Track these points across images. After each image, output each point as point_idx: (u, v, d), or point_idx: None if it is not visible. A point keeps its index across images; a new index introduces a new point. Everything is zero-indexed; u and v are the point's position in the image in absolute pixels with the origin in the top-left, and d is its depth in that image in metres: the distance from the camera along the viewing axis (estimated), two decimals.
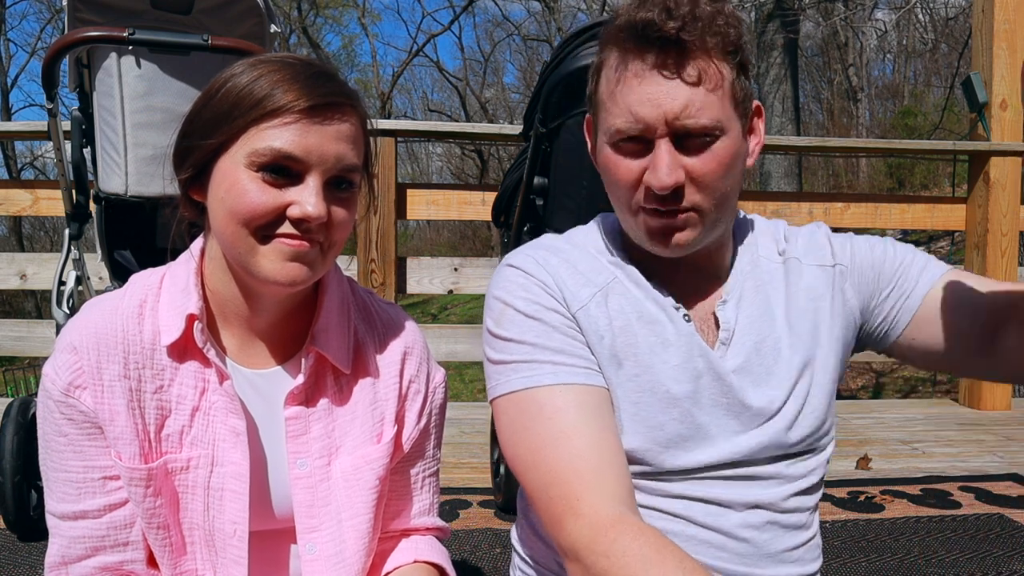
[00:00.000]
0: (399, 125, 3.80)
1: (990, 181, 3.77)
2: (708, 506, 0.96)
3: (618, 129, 0.93)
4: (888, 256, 1.05)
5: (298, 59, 0.90)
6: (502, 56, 35.66)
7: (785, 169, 9.25)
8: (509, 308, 0.98)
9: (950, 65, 15.00)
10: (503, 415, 0.96)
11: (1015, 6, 3.75)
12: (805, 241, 1.07)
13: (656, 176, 0.91)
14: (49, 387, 0.90)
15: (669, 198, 0.92)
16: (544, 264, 1.00)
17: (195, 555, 0.93)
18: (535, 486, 0.91)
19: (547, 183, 2.13)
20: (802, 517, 1.01)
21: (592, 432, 0.91)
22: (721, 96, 0.91)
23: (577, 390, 0.94)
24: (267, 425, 0.96)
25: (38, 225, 21.11)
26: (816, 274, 1.03)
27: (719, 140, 0.92)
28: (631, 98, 0.91)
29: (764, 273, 1.03)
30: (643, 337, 0.97)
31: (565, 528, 0.87)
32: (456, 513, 2.41)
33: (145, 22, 2.04)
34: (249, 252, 0.87)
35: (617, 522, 0.85)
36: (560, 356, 0.95)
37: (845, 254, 1.05)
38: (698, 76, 0.89)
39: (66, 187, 2.19)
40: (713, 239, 0.99)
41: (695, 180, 0.92)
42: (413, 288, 3.69)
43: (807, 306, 1.02)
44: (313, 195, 0.85)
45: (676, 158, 0.91)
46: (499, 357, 0.98)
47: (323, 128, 0.86)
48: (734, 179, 0.95)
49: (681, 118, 0.89)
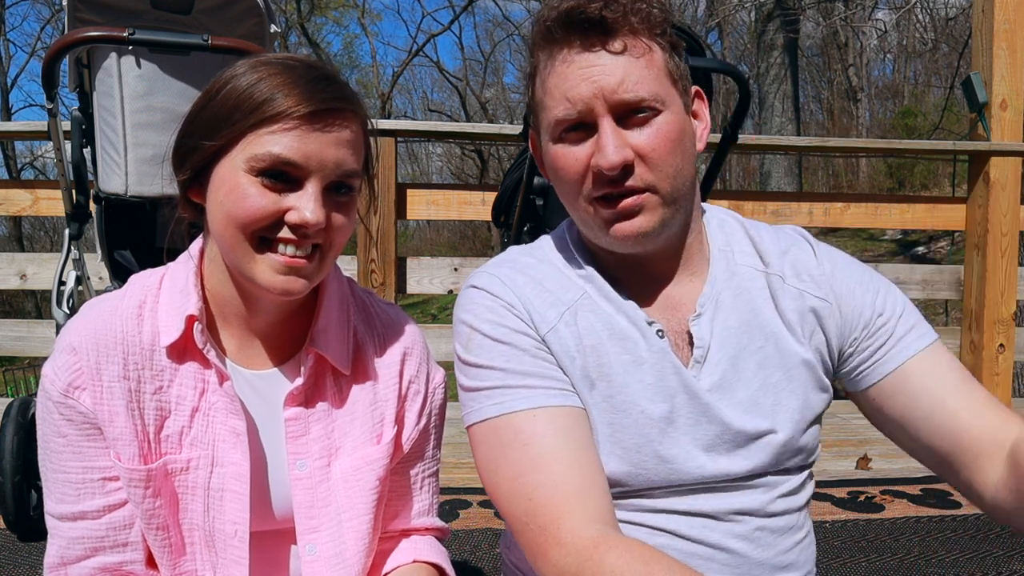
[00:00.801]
0: (399, 125, 3.80)
1: (990, 181, 3.77)
2: (692, 518, 0.94)
3: (558, 119, 0.91)
4: (876, 305, 0.99)
5: (299, 61, 0.89)
6: (502, 56, 35.66)
7: (785, 169, 9.26)
8: (476, 333, 0.95)
9: (950, 65, 15.00)
10: (480, 443, 0.94)
11: (1015, 6, 3.75)
12: (790, 260, 1.01)
13: (603, 156, 0.88)
14: (48, 388, 0.89)
15: (619, 179, 0.89)
16: (510, 284, 0.97)
17: (195, 556, 0.93)
18: (515, 516, 0.89)
19: (547, 183, 2.13)
20: (792, 519, 0.98)
21: (570, 454, 0.89)
22: (655, 71, 0.90)
23: (552, 412, 0.91)
24: (267, 426, 0.96)
25: (38, 225, 21.11)
26: (795, 298, 0.98)
27: (661, 115, 0.90)
28: (564, 84, 0.90)
29: (744, 281, 0.99)
30: (615, 356, 0.94)
31: (550, 559, 0.84)
32: (456, 513, 2.41)
33: (145, 22, 2.04)
34: (246, 258, 0.87)
35: (600, 542, 0.82)
36: (532, 379, 0.92)
37: (832, 286, 1.00)
38: (623, 47, 0.88)
39: (66, 187, 2.19)
40: (675, 228, 0.95)
41: (644, 158, 0.89)
42: (413, 288, 3.69)
43: (789, 325, 0.98)
44: (312, 201, 0.85)
45: (621, 136, 0.89)
46: (471, 384, 0.95)
47: (323, 134, 0.85)
48: (685, 158, 0.92)
49: (619, 92, 0.88)
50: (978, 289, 3.85)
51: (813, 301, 0.99)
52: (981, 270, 3.82)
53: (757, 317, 0.97)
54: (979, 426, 0.92)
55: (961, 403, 0.94)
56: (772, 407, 0.95)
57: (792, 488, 0.98)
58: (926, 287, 3.97)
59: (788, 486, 0.98)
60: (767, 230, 1.05)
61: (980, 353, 3.83)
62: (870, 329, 0.98)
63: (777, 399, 0.96)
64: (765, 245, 1.02)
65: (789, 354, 0.97)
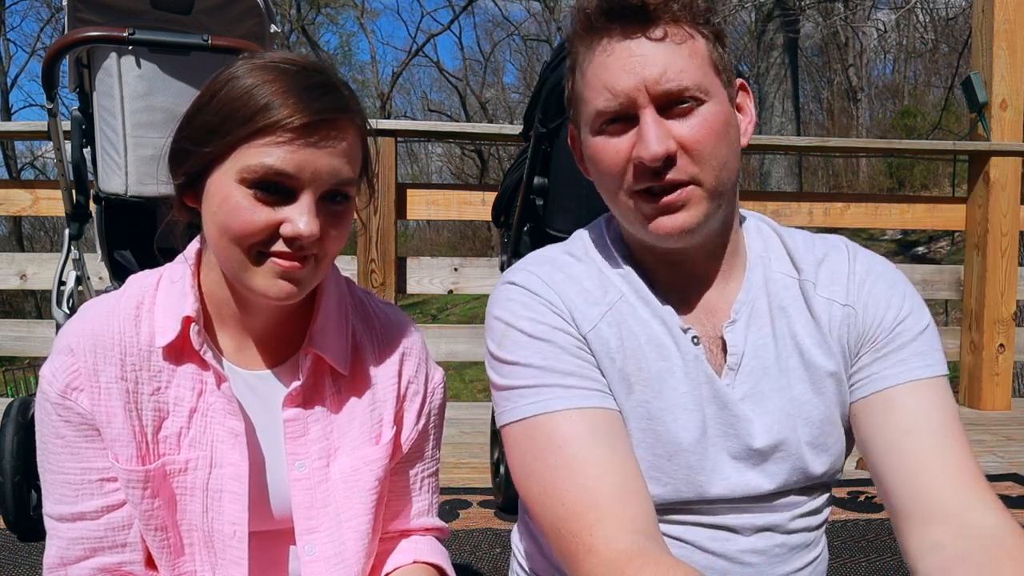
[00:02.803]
0: (399, 125, 3.80)
1: (990, 181, 3.77)
2: (715, 531, 0.92)
3: (599, 111, 0.88)
4: (896, 320, 0.94)
5: (296, 63, 0.87)
6: (502, 56, 35.68)
7: (785, 169, 9.26)
8: (512, 329, 0.92)
9: (950, 65, 15.00)
10: (513, 445, 0.90)
11: (1015, 6, 3.75)
12: (826, 268, 0.97)
13: (645, 147, 0.85)
14: (46, 389, 0.89)
15: (661, 171, 0.86)
16: (549, 282, 0.94)
17: (194, 556, 0.93)
18: (548, 521, 0.85)
19: (547, 183, 2.13)
20: (809, 536, 0.97)
21: (607, 458, 0.85)
22: (699, 61, 0.87)
23: (589, 414, 0.87)
24: (265, 427, 0.95)
25: (38, 225, 21.11)
26: (826, 307, 0.95)
27: (705, 105, 0.86)
28: (605, 75, 0.87)
29: (779, 289, 0.96)
30: (653, 361, 0.92)
31: (581, 567, 0.80)
32: (456, 513, 2.41)
33: (145, 22, 2.04)
34: (241, 268, 0.86)
35: (635, 556, 0.77)
36: (571, 379, 0.89)
37: (860, 294, 0.95)
38: (664, 34, 0.86)
39: (66, 187, 2.19)
40: (716, 225, 0.92)
41: (687, 149, 0.86)
42: (413, 288, 3.69)
43: (819, 336, 0.94)
44: (306, 213, 0.84)
45: (664, 127, 0.85)
46: (504, 382, 0.91)
47: (317, 147, 0.84)
48: (730, 151, 0.89)
49: (662, 82, 0.85)
50: (978, 289, 3.85)
51: (840, 309, 0.95)
52: (981, 270, 3.82)
53: (789, 327, 0.94)
54: (925, 488, 0.85)
55: (924, 452, 0.86)
56: (799, 420, 0.93)
57: (815, 508, 0.97)
58: (926, 287, 3.97)
59: (811, 505, 0.96)
60: (802, 237, 1.01)
61: (980, 353, 3.83)
62: (880, 342, 0.94)
63: (804, 412, 0.93)
64: (800, 253, 0.98)
65: (816, 367, 0.94)
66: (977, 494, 0.84)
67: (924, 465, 0.86)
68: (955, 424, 0.89)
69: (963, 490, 0.84)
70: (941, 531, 0.82)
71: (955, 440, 0.87)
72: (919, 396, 0.90)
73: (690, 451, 0.91)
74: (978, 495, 0.84)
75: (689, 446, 0.91)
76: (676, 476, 0.91)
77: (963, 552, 0.80)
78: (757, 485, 0.92)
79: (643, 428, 0.91)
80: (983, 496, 0.84)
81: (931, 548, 0.82)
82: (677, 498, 0.92)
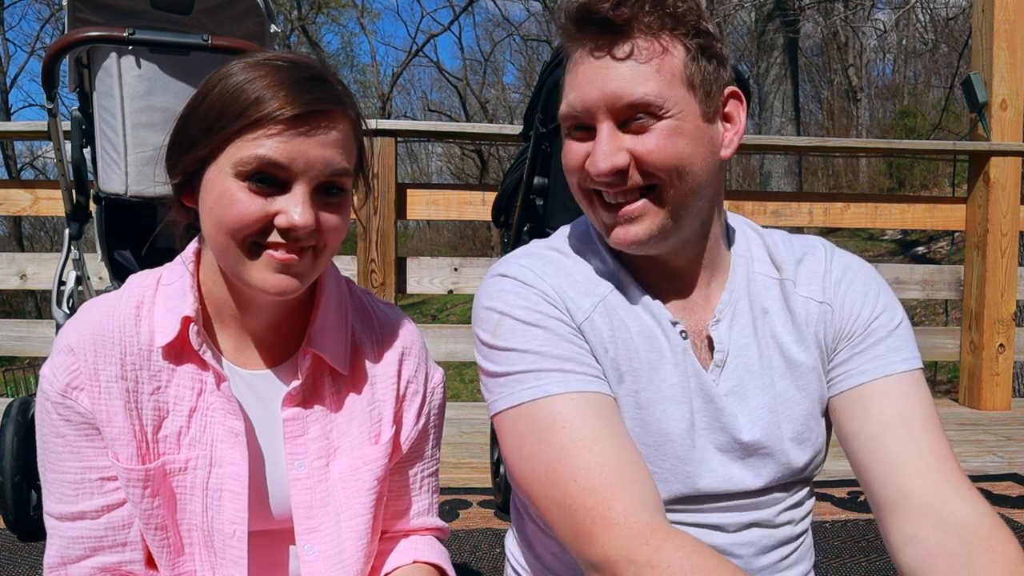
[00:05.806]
0: (399, 125, 3.80)
1: (990, 181, 3.77)
2: (703, 529, 0.94)
3: (564, 115, 0.93)
4: (871, 316, 0.97)
5: (288, 60, 0.88)
6: (502, 56, 35.64)
7: (785, 169, 9.25)
8: (507, 317, 0.92)
9: (950, 65, 15.00)
10: (510, 430, 0.90)
11: (1015, 6, 3.75)
12: (804, 268, 1.00)
13: (593, 162, 0.89)
14: (47, 388, 0.90)
15: (615, 182, 0.88)
16: (542, 275, 0.95)
17: (194, 556, 0.93)
18: (555, 502, 0.84)
19: (547, 183, 2.13)
20: (795, 528, 0.99)
21: (613, 439, 0.85)
22: (665, 76, 0.86)
23: (589, 398, 0.88)
24: (264, 426, 0.96)
25: (38, 225, 21.12)
26: (804, 305, 0.97)
27: (664, 120, 0.86)
28: (575, 83, 0.91)
29: (760, 289, 0.98)
30: (643, 351, 0.93)
31: (597, 540, 0.79)
32: (456, 513, 2.41)
33: (145, 22, 2.03)
34: (238, 263, 0.86)
35: (657, 530, 0.78)
36: (568, 364, 0.89)
37: (836, 291, 0.98)
38: (630, 51, 0.86)
39: (66, 187, 2.19)
40: (686, 233, 0.93)
41: (640, 162, 0.87)
42: (413, 288, 3.69)
43: (797, 333, 0.97)
44: (300, 204, 0.84)
45: (618, 141, 0.87)
46: (499, 369, 0.91)
47: (309, 137, 0.84)
48: (699, 164, 0.89)
49: (623, 97, 0.86)
50: (978, 289, 3.85)
51: (817, 306, 0.97)
52: (981, 270, 3.82)
53: (770, 327, 0.96)
54: (903, 480, 0.87)
55: (902, 445, 0.88)
56: (783, 416, 0.95)
57: (797, 500, 0.99)
58: (926, 287, 3.98)
59: (794, 499, 0.98)
60: (781, 237, 1.03)
61: (980, 353, 3.83)
62: (856, 338, 0.96)
63: (787, 409, 0.95)
64: (780, 253, 1.01)
65: (797, 364, 0.96)
66: (954, 484, 0.86)
67: (902, 457, 0.88)
68: (932, 416, 0.91)
69: (941, 481, 0.86)
70: (920, 522, 0.85)
71: (932, 432, 0.90)
72: (896, 390, 0.92)
73: (678, 442, 0.92)
74: (955, 485, 0.86)
75: (678, 437, 0.92)
76: (665, 467, 0.93)
77: (943, 542, 0.83)
78: (744, 482, 0.94)
79: (632, 417, 0.93)
80: (959, 487, 0.87)
81: (911, 540, 0.85)
82: (667, 494, 0.92)
